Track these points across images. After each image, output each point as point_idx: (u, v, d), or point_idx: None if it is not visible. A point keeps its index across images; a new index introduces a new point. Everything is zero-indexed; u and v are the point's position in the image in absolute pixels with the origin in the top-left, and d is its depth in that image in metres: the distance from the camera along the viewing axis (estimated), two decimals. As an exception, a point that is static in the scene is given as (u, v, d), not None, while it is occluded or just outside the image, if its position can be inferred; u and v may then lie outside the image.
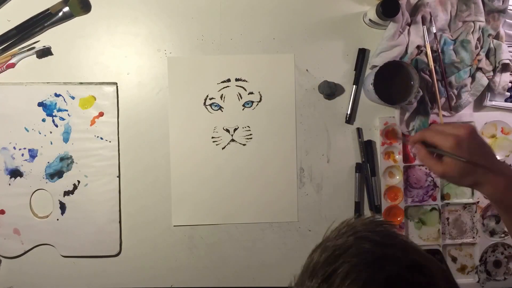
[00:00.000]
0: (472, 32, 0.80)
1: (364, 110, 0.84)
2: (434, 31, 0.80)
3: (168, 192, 0.83)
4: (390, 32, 0.78)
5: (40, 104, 0.81)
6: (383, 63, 0.76)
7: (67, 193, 0.82)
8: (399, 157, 0.83)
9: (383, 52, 0.79)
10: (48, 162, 0.82)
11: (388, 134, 0.83)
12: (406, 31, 0.80)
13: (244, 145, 0.83)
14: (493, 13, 0.80)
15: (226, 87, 0.83)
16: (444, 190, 0.85)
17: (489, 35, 0.80)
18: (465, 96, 0.82)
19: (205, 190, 0.83)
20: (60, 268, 0.83)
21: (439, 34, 0.81)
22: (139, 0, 0.82)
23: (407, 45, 0.80)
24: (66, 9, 0.80)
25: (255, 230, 0.84)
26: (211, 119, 0.83)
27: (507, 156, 0.84)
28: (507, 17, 0.81)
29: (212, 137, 0.83)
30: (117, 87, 0.82)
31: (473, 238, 0.85)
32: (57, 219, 0.82)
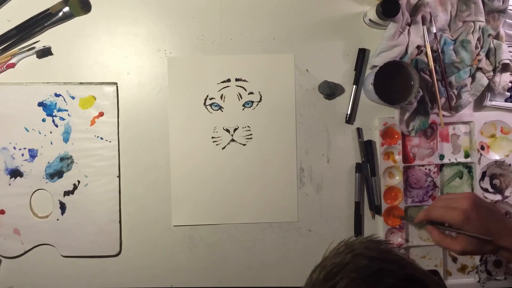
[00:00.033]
0: (472, 32, 0.80)
1: (364, 110, 0.84)
2: (434, 31, 0.80)
3: (168, 192, 0.83)
4: (390, 32, 0.78)
5: (40, 104, 0.81)
6: (383, 63, 0.76)
7: (67, 193, 0.82)
8: (399, 158, 0.83)
9: (383, 52, 0.79)
10: (48, 162, 0.82)
11: (387, 135, 0.83)
12: (406, 31, 0.80)
13: (244, 145, 0.83)
14: (493, 13, 0.80)
15: (226, 87, 0.83)
16: (444, 190, 0.85)
17: (489, 35, 0.80)
18: (465, 96, 0.82)
19: (205, 190, 0.83)
20: (60, 268, 0.83)
21: (439, 34, 0.81)
22: (139, 0, 0.82)
23: (407, 45, 0.80)
24: (66, 9, 0.80)
25: (255, 230, 0.84)
26: (211, 119, 0.83)
27: (507, 156, 0.84)
28: (507, 17, 0.81)
29: (212, 137, 0.83)
30: (117, 87, 0.82)
31: (473, 238, 0.85)
32: (57, 219, 0.82)
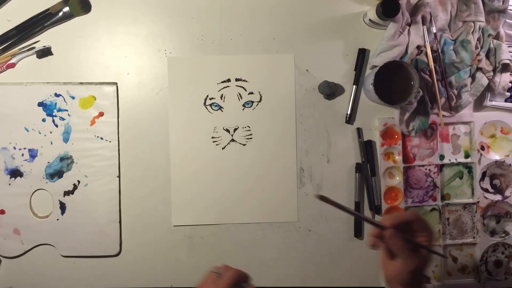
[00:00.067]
0: (472, 32, 0.80)
1: (364, 110, 0.84)
2: (434, 31, 0.80)
3: (168, 192, 0.83)
4: (390, 32, 0.78)
5: (40, 104, 0.81)
6: (383, 63, 0.76)
7: (67, 193, 0.82)
8: (399, 158, 0.83)
9: (383, 52, 0.79)
10: (48, 162, 0.82)
11: (387, 135, 0.83)
12: (406, 31, 0.80)
13: (244, 145, 0.83)
14: (493, 13, 0.80)
15: (226, 87, 0.83)
16: (444, 191, 0.85)
17: (489, 35, 0.80)
18: (465, 96, 0.82)
19: (205, 190, 0.83)
20: (60, 268, 0.83)
21: (439, 34, 0.81)
22: (139, 0, 0.82)
23: (407, 45, 0.80)
24: (66, 9, 0.80)
25: (255, 230, 0.84)
26: (211, 119, 0.83)
27: (507, 156, 0.84)
28: (507, 17, 0.81)
29: (212, 137, 0.83)
30: (117, 87, 0.82)
31: (474, 238, 0.85)
32: (57, 219, 0.82)
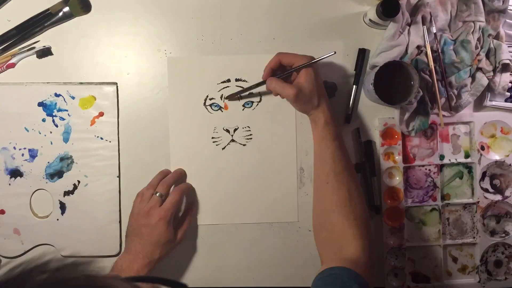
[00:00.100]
0: (472, 32, 0.80)
1: (364, 110, 0.84)
2: (434, 31, 0.80)
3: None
4: (390, 32, 0.78)
5: (40, 104, 0.81)
6: (383, 63, 0.76)
7: (67, 193, 0.82)
8: (399, 158, 0.83)
9: (383, 52, 0.79)
10: (48, 162, 0.82)
11: (387, 135, 0.83)
12: (406, 31, 0.80)
13: (244, 145, 0.83)
14: (493, 13, 0.80)
15: (226, 87, 0.83)
16: (444, 191, 0.85)
17: (489, 35, 0.80)
18: (465, 96, 0.82)
19: (205, 190, 0.83)
20: (60, 268, 0.83)
21: (439, 34, 0.81)
22: (139, 0, 0.82)
23: (407, 45, 0.80)
24: (66, 9, 0.80)
25: (255, 230, 0.84)
26: (211, 119, 0.83)
27: (507, 156, 0.84)
28: (507, 17, 0.81)
29: (212, 137, 0.83)
30: (117, 87, 0.82)
31: (474, 238, 0.85)
32: (57, 219, 0.82)
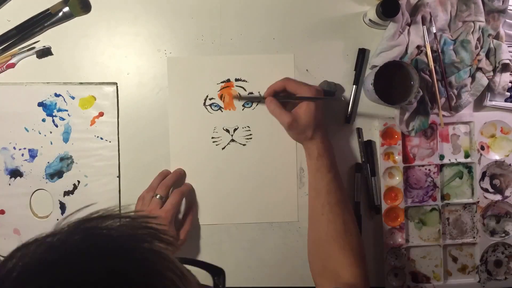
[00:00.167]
0: (472, 32, 0.80)
1: (364, 110, 0.84)
2: (434, 31, 0.80)
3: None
4: (390, 32, 0.78)
5: (40, 104, 0.81)
6: (383, 63, 0.76)
7: (67, 193, 0.82)
8: (399, 158, 0.83)
9: (383, 52, 0.79)
10: (48, 162, 0.81)
11: (387, 135, 0.83)
12: (406, 31, 0.80)
13: (244, 145, 0.83)
14: (493, 13, 0.80)
15: (226, 87, 0.83)
16: (444, 191, 0.85)
17: (489, 35, 0.80)
18: (465, 96, 0.82)
19: (205, 190, 0.83)
20: (60, 268, 0.83)
21: (439, 34, 0.81)
22: (139, 0, 0.82)
23: (407, 45, 0.80)
24: (66, 9, 0.80)
25: (255, 230, 0.84)
26: (211, 119, 0.83)
27: (507, 156, 0.84)
28: (507, 17, 0.81)
29: (212, 137, 0.83)
30: (117, 87, 0.82)
31: (474, 238, 0.85)
32: (57, 219, 0.82)
